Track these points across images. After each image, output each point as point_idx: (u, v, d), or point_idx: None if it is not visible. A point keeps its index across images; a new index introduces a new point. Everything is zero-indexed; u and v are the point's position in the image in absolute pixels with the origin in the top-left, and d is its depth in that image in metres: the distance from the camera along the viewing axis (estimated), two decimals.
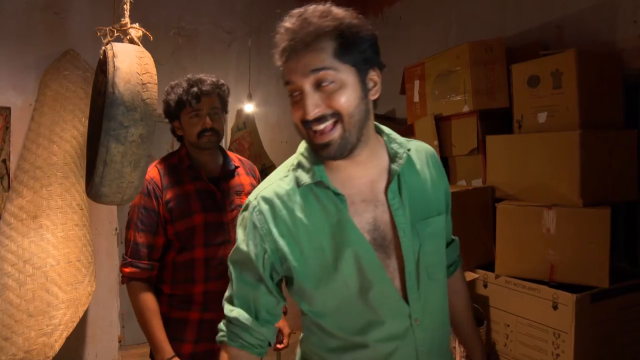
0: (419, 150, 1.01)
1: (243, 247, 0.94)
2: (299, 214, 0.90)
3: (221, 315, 1.25)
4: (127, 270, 1.44)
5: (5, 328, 2.35)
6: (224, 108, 1.57)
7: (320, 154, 0.86)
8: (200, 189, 1.52)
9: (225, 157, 1.63)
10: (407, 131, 2.94)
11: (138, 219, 1.45)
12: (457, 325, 1.19)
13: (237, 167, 1.65)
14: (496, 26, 2.78)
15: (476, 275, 2.15)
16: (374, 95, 0.89)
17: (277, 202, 0.91)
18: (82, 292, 2.53)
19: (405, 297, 0.91)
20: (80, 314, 2.50)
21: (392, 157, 0.95)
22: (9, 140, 2.87)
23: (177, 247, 1.47)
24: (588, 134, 1.92)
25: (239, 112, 3.35)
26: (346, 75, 0.84)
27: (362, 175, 0.93)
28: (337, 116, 0.83)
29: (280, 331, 1.69)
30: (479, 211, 2.27)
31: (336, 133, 0.84)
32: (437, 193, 1.00)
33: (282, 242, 0.90)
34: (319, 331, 0.95)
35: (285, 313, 1.70)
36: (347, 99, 0.83)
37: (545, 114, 2.13)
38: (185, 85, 1.50)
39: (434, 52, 2.73)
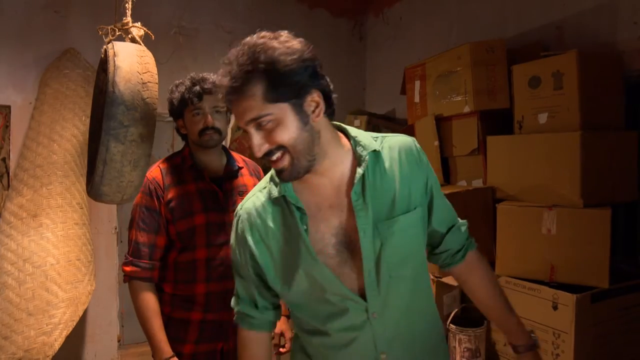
0: (392, 147, 1.03)
1: (234, 250, 1.09)
2: (270, 223, 1.01)
3: (222, 316, 1.41)
4: (128, 269, 1.45)
5: (5, 327, 2.35)
6: (229, 108, 1.56)
7: (278, 177, 0.97)
8: (202, 189, 1.52)
9: (230, 158, 1.63)
10: (408, 131, 2.94)
11: (140, 219, 1.45)
12: (486, 312, 1.20)
13: (240, 168, 1.65)
14: (497, 27, 2.79)
15: None
16: (317, 115, 0.93)
17: (254, 212, 1.03)
18: (82, 291, 2.53)
19: (364, 294, 0.98)
20: (80, 313, 2.49)
21: (358, 160, 0.98)
22: (9, 139, 2.87)
23: (179, 247, 1.47)
24: (589, 135, 1.93)
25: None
26: (281, 112, 0.89)
27: (327, 183, 0.99)
28: (283, 148, 0.91)
29: (282, 335, 1.69)
30: (479, 211, 2.27)
31: (285, 161, 0.92)
32: (409, 188, 1.02)
33: (255, 249, 1.02)
34: (296, 315, 1.10)
35: (288, 317, 1.70)
36: (286, 133, 0.90)
37: (546, 114, 2.14)
38: (188, 83, 1.51)
39: (434, 53, 2.74)
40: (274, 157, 0.91)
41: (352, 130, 1.03)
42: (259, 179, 1.68)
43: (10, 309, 2.38)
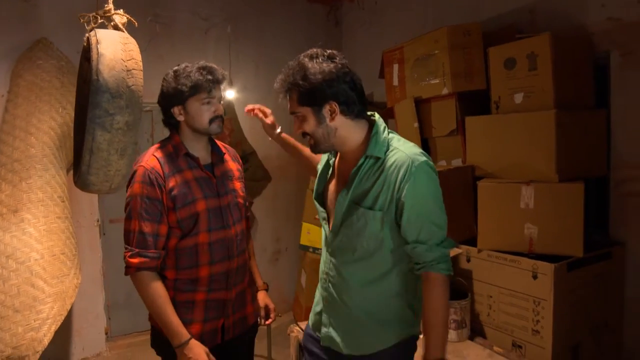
0: (396, 159, 1.27)
1: None
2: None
3: (224, 295, 1.54)
4: (135, 260, 1.42)
5: None
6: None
7: (311, 150, 1.39)
8: (198, 177, 1.54)
9: (214, 145, 1.66)
10: (387, 114, 3.00)
11: (142, 209, 1.43)
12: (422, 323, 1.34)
13: (224, 154, 1.68)
14: (471, 11, 2.86)
15: (459, 251, 2.25)
16: (332, 119, 1.28)
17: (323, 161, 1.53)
18: (68, 285, 2.50)
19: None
20: (68, 307, 2.47)
21: (365, 156, 1.31)
22: None
23: (179, 233, 1.49)
24: (563, 114, 2.03)
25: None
26: (306, 112, 1.29)
27: (345, 161, 1.38)
28: (308, 135, 1.33)
29: (267, 307, 1.75)
30: (460, 189, 2.36)
31: (312, 142, 1.34)
32: (379, 193, 1.27)
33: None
34: None
35: (267, 289, 1.79)
36: (308, 127, 1.31)
37: (521, 94, 2.23)
38: (202, 71, 1.49)
39: (409, 37, 2.79)
40: (306, 138, 1.34)
41: (380, 133, 1.32)
42: (239, 164, 1.75)
43: None
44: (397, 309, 1.34)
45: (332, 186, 1.42)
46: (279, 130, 1.69)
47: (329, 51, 1.28)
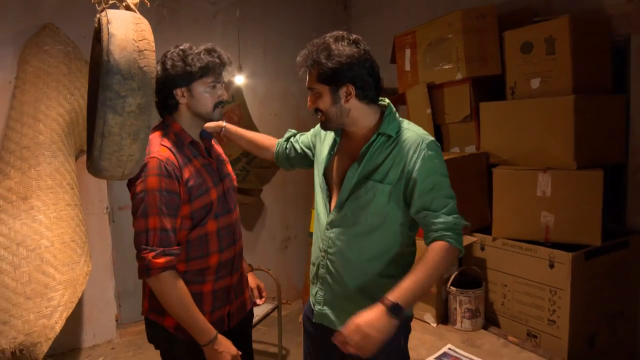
0: (407, 137, 1.34)
1: None
2: (326, 142, 1.54)
3: (229, 281, 1.52)
4: (162, 260, 1.31)
5: (3, 312, 2.31)
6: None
7: (321, 126, 1.44)
8: (203, 164, 1.49)
9: (202, 129, 1.60)
10: (398, 100, 2.95)
11: (162, 204, 1.33)
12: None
13: (212, 137, 1.64)
14: None
15: (474, 239, 2.22)
16: (347, 101, 1.33)
17: (321, 135, 1.58)
18: (79, 272, 2.50)
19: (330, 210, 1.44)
20: (79, 294, 2.47)
21: (376, 135, 1.36)
22: None
23: (189, 225, 1.43)
24: (581, 99, 1.97)
25: (228, 85, 3.30)
26: (323, 90, 1.34)
27: (352, 140, 1.43)
28: (320, 112, 1.37)
29: (258, 287, 1.74)
30: (474, 177, 2.32)
31: (323, 119, 1.39)
32: (390, 168, 1.33)
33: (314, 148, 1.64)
34: None
35: (251, 269, 1.80)
36: (322, 104, 1.36)
37: (538, 79, 2.17)
38: (212, 53, 1.43)
39: (420, 21, 2.72)
40: (318, 115, 1.39)
41: (394, 114, 1.39)
42: (220, 146, 1.70)
43: (7, 293, 2.34)
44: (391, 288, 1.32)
45: (335, 163, 1.46)
46: (224, 125, 1.70)
47: (354, 36, 1.32)
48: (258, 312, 2.70)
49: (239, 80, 3.37)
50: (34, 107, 2.62)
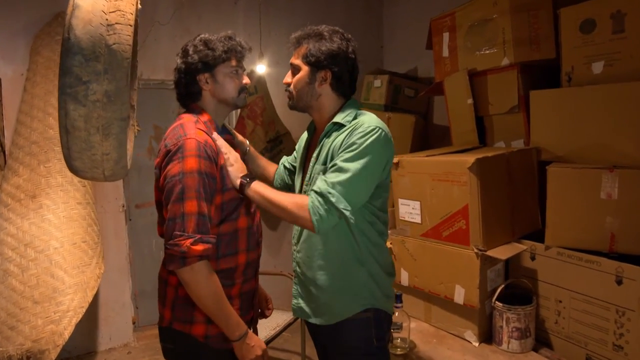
0: (354, 125, 1.35)
1: None
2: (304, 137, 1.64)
3: (253, 284, 1.46)
4: (200, 248, 1.20)
5: (10, 316, 2.19)
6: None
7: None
8: None
9: (223, 125, 1.55)
10: (436, 89, 2.68)
11: (201, 186, 1.22)
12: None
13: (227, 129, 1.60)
14: None
15: (523, 247, 1.93)
16: (320, 85, 1.38)
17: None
18: (89, 275, 2.36)
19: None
20: (90, 299, 2.33)
21: (331, 124, 1.41)
22: (2, 115, 2.65)
23: (218, 217, 1.31)
24: None
25: (250, 75, 3.09)
26: (303, 68, 1.38)
27: (315, 135, 1.51)
28: (291, 88, 1.42)
29: (266, 299, 1.67)
30: (522, 175, 2.04)
31: (291, 96, 1.43)
32: (332, 153, 1.37)
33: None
34: None
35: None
36: (298, 80, 1.40)
37: (601, 63, 1.88)
38: (233, 38, 1.39)
39: (461, 2, 2.44)
40: (287, 92, 1.43)
41: (349, 107, 1.41)
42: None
43: (15, 297, 2.22)
44: (359, 277, 1.38)
45: (308, 159, 1.50)
46: (248, 145, 1.71)
47: (349, 35, 1.41)
48: (279, 321, 2.50)
49: (261, 69, 3.15)
50: (44, 100, 2.48)
